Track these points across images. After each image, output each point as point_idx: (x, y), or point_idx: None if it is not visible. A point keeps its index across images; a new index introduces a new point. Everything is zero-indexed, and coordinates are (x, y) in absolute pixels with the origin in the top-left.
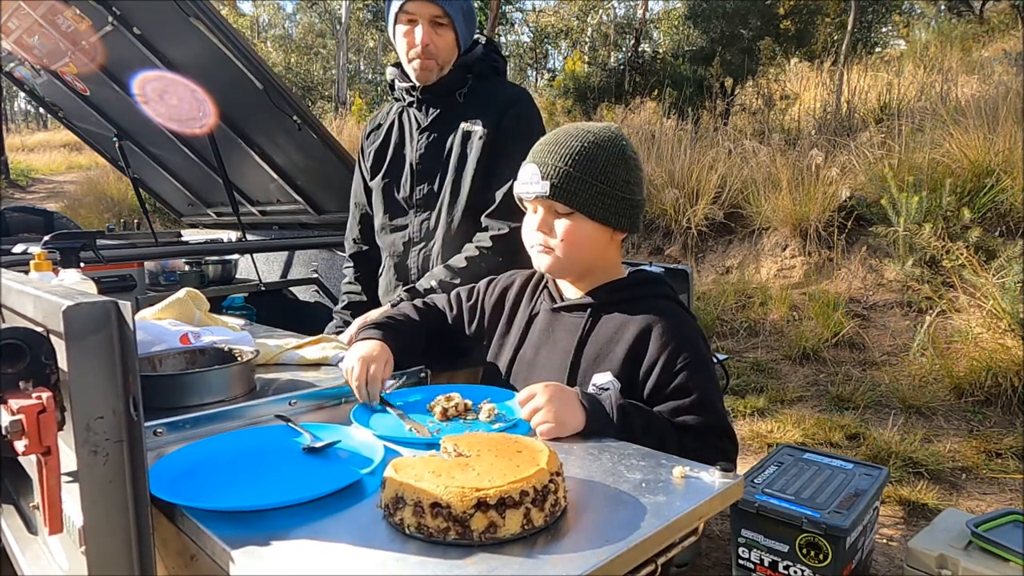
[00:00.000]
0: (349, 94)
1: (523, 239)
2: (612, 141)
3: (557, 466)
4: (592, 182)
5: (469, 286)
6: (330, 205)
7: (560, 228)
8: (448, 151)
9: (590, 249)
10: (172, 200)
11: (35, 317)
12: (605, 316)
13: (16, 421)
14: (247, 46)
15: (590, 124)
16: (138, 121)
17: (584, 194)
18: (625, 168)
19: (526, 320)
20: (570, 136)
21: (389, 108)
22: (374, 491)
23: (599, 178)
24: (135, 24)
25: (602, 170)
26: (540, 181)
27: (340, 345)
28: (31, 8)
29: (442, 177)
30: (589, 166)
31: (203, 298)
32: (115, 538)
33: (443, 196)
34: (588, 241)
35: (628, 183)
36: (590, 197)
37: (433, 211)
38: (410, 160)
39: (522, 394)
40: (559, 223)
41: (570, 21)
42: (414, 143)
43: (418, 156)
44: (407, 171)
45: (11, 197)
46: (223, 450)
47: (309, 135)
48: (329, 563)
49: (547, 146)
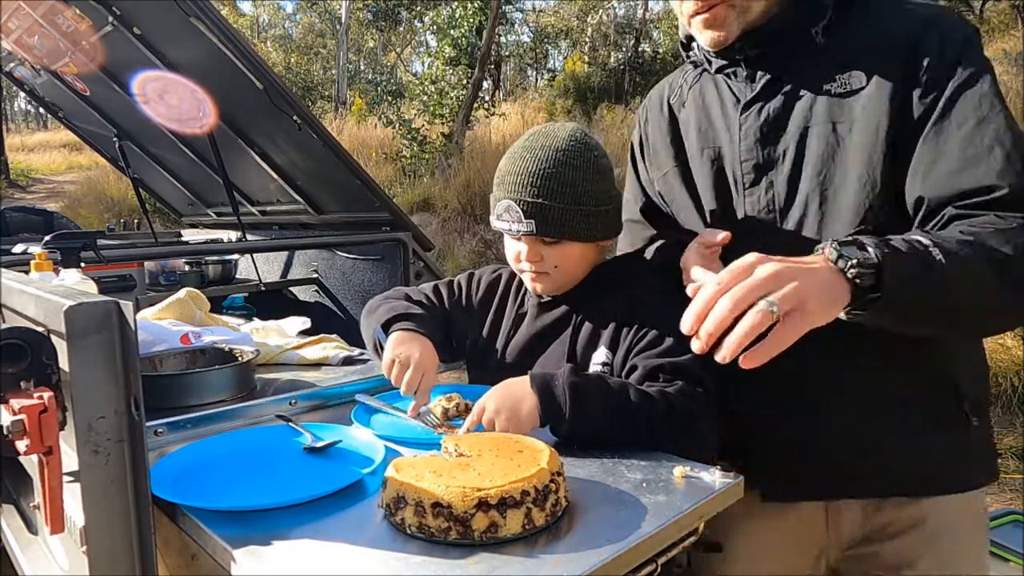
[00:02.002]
0: (349, 94)
1: (509, 263)
2: (583, 155)
3: (558, 466)
4: (575, 208)
5: (447, 279)
6: (330, 205)
7: (550, 256)
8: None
9: (583, 262)
10: (172, 200)
11: (36, 317)
12: (593, 302)
13: (18, 421)
14: (247, 46)
15: (556, 136)
16: (138, 121)
17: (569, 223)
18: (601, 179)
19: (514, 315)
20: (540, 162)
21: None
22: (375, 491)
23: (580, 202)
24: (135, 24)
25: (581, 193)
26: (522, 220)
27: (340, 345)
28: (31, 8)
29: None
30: (568, 193)
31: (203, 298)
32: (116, 538)
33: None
34: (580, 260)
35: (607, 192)
36: (575, 224)
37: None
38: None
39: (473, 413)
40: (548, 252)
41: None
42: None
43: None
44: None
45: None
46: (224, 450)
47: (309, 135)
48: (330, 563)
49: (520, 177)
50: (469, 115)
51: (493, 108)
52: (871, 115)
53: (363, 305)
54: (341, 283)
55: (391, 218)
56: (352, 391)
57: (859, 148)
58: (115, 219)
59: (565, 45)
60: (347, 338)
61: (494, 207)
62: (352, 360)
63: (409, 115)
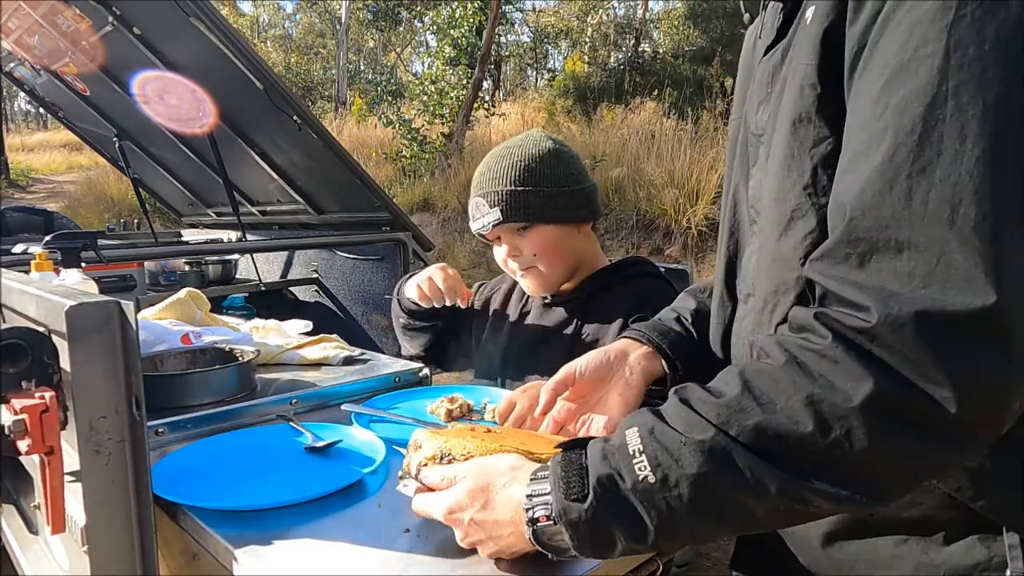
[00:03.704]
0: (349, 94)
1: (504, 271)
2: (537, 145)
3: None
4: (537, 190)
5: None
6: (330, 205)
7: (527, 245)
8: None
9: (565, 251)
10: (172, 200)
11: (37, 317)
12: (595, 303)
13: (19, 420)
14: (247, 46)
15: (511, 141)
16: (138, 121)
17: (534, 205)
18: (562, 163)
19: (516, 317)
20: (500, 159)
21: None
22: (376, 490)
23: (542, 183)
24: (135, 24)
25: (541, 175)
26: (490, 210)
27: (340, 345)
28: (31, 8)
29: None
30: (528, 177)
31: (204, 298)
32: (117, 537)
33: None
34: (559, 245)
35: (570, 175)
36: (541, 205)
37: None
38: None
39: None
40: (524, 241)
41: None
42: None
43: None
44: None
45: (11, 197)
46: (225, 450)
47: (309, 135)
48: (331, 562)
49: (483, 176)
50: (469, 115)
51: (493, 108)
52: (800, 61)
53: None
54: (341, 283)
55: (391, 218)
56: (352, 391)
57: (787, 103)
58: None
59: (565, 45)
60: (347, 338)
61: (471, 215)
62: (352, 360)
63: (409, 115)
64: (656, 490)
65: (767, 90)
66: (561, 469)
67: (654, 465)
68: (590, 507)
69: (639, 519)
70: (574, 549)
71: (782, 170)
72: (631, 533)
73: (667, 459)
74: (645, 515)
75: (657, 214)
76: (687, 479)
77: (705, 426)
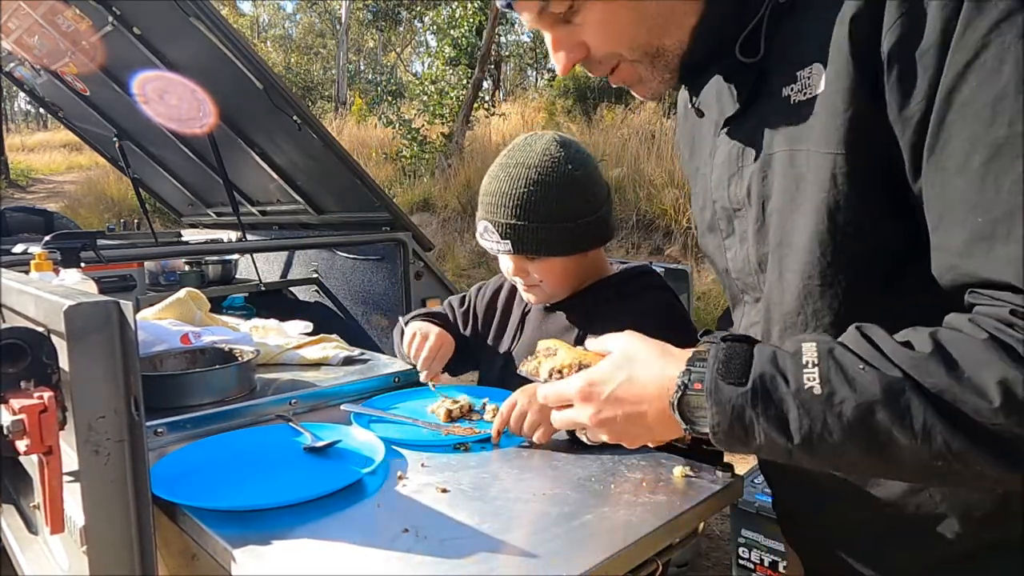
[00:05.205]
0: (349, 94)
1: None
2: (556, 171)
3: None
4: (548, 226)
5: (461, 294)
6: (330, 205)
7: (534, 271)
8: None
9: (572, 274)
10: (172, 200)
11: (36, 317)
12: (598, 311)
13: (18, 420)
14: (247, 46)
15: (531, 152)
16: (138, 121)
17: (545, 240)
18: (578, 193)
19: (519, 320)
20: (513, 180)
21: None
22: (375, 490)
23: (554, 219)
24: (135, 24)
25: (555, 210)
26: (500, 241)
27: (340, 345)
28: (31, 8)
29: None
30: (541, 212)
31: (203, 298)
32: (116, 538)
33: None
34: (567, 271)
35: (586, 203)
36: (551, 240)
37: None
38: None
39: (503, 410)
40: (531, 267)
41: None
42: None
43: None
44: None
45: (11, 197)
46: (224, 450)
47: (309, 135)
48: (330, 562)
49: (494, 198)
50: (469, 115)
51: (493, 108)
52: (824, 131)
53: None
54: (341, 283)
55: (391, 218)
56: (352, 391)
57: (812, 188)
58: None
59: None
60: (347, 338)
61: (478, 229)
62: (352, 360)
63: (409, 115)
64: (819, 402)
65: (737, 164)
66: (724, 354)
67: (824, 380)
68: (745, 394)
69: (787, 423)
70: (711, 429)
71: (810, 254)
72: (773, 433)
73: (839, 378)
74: (796, 421)
75: (657, 214)
76: (853, 401)
77: (890, 366)
